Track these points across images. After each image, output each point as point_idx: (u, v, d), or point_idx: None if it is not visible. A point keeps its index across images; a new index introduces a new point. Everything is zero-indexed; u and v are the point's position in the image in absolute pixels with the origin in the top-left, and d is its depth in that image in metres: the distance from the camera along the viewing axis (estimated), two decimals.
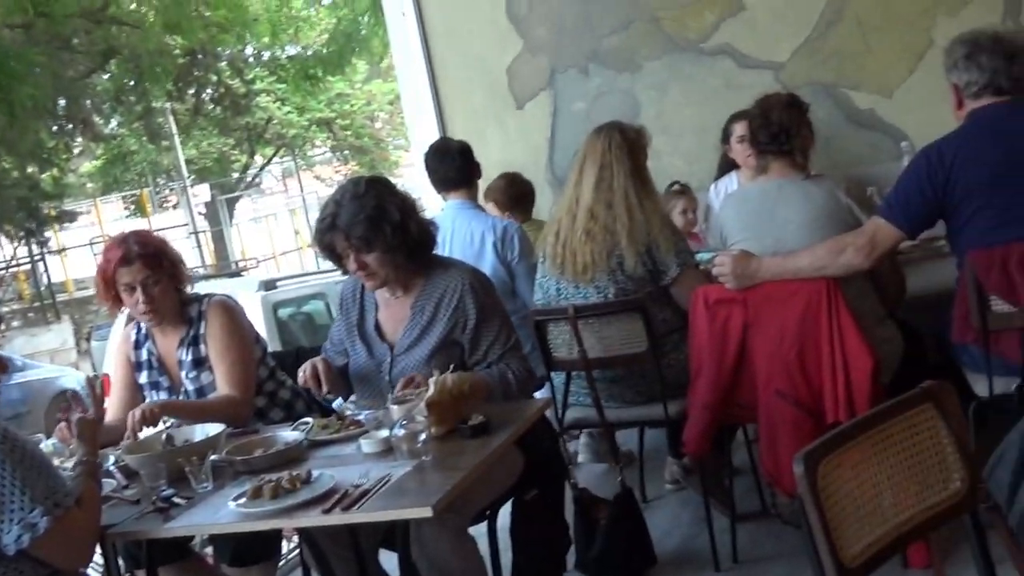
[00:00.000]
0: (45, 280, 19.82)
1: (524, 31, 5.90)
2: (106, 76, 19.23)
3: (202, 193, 24.60)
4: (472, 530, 2.98)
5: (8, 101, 13.95)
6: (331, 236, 3.25)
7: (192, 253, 21.75)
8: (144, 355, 3.61)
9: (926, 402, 1.96)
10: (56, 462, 2.84)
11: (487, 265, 4.31)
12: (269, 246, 23.46)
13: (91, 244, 23.11)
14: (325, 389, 3.24)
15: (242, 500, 2.58)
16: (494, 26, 5.93)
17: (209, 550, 3.76)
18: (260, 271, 18.92)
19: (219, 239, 23.56)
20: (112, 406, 3.57)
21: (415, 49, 6.07)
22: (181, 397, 3.54)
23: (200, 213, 24.15)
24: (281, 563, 3.82)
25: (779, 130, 3.56)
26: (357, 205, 3.20)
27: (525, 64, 5.93)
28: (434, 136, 5.99)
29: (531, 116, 5.94)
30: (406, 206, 3.28)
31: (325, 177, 27.51)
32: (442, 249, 4.37)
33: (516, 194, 5.10)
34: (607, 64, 5.77)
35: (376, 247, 3.19)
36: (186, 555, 3.41)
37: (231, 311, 3.56)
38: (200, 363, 3.50)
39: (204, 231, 23.52)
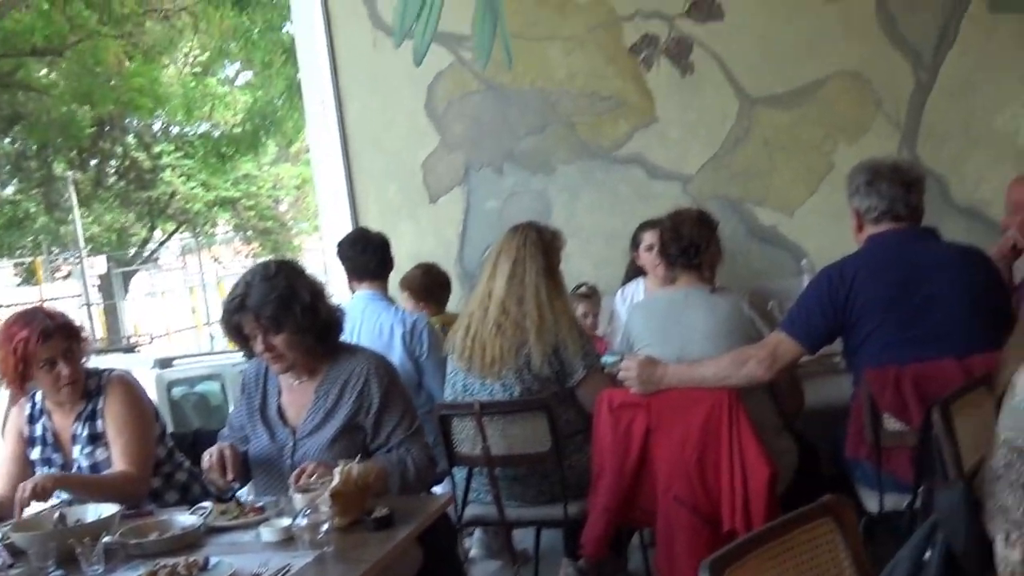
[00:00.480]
0: None
1: (442, 127, 5.99)
2: (8, 140, 18.90)
3: (98, 265, 24.11)
4: None
5: None
6: (239, 317, 3.23)
7: (85, 325, 21.26)
8: (39, 430, 3.52)
9: (825, 516, 2.02)
10: None
11: (395, 358, 4.31)
12: (163, 323, 23.04)
13: None
14: (230, 476, 3.18)
15: None
16: (412, 121, 6.01)
17: None
18: (153, 348, 18.54)
19: (112, 312, 23.08)
20: (2, 480, 3.47)
21: (332, 138, 6.11)
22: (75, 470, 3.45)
23: (94, 285, 23.65)
24: None
25: (689, 244, 3.70)
26: (268, 286, 3.20)
27: (440, 160, 6.01)
28: (346, 224, 6.02)
29: (444, 211, 6.00)
30: (316, 289, 3.29)
31: (223, 258, 27.22)
32: (350, 339, 4.37)
33: (431, 285, 5.12)
34: (522, 165, 5.89)
35: (285, 328, 3.18)
36: None
37: (131, 387, 3.51)
38: (96, 439, 3.43)
39: (97, 303, 23.02)
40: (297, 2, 6.26)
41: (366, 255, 4.69)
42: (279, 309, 3.17)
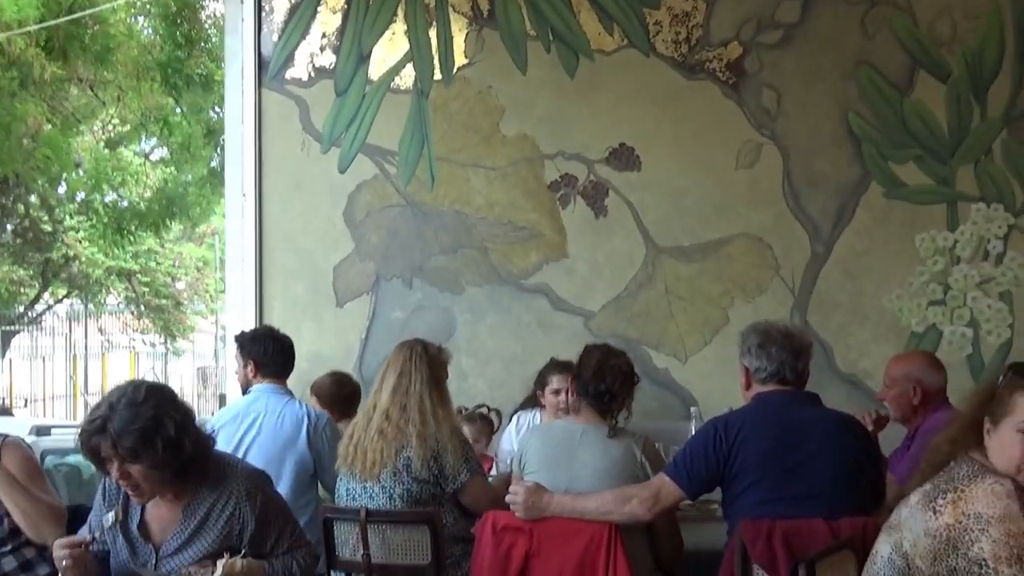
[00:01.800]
0: None
1: (357, 235, 6.13)
2: None
3: None
4: None
5: None
6: (98, 439, 2.98)
7: None
8: None
9: None
10: None
11: (297, 449, 4.38)
12: (40, 387, 22.36)
13: None
14: None
15: None
16: (329, 225, 6.15)
17: None
18: (26, 412, 17.99)
19: None
20: None
21: (248, 231, 6.19)
22: None
23: None
24: None
25: (606, 392, 3.81)
26: (132, 413, 2.98)
27: (352, 266, 6.13)
28: (251, 315, 6.07)
29: (349, 316, 6.10)
30: (185, 422, 3.09)
31: (110, 330, 26.63)
32: (252, 430, 4.45)
33: (342, 396, 5.16)
34: (431, 281, 6.04)
35: (143, 461, 2.99)
36: None
37: (28, 452, 3.50)
38: None
39: None
40: (232, 95, 6.39)
41: (272, 354, 4.74)
42: (139, 441, 2.96)
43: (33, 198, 20.60)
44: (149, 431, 2.95)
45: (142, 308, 24.97)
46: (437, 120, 6.06)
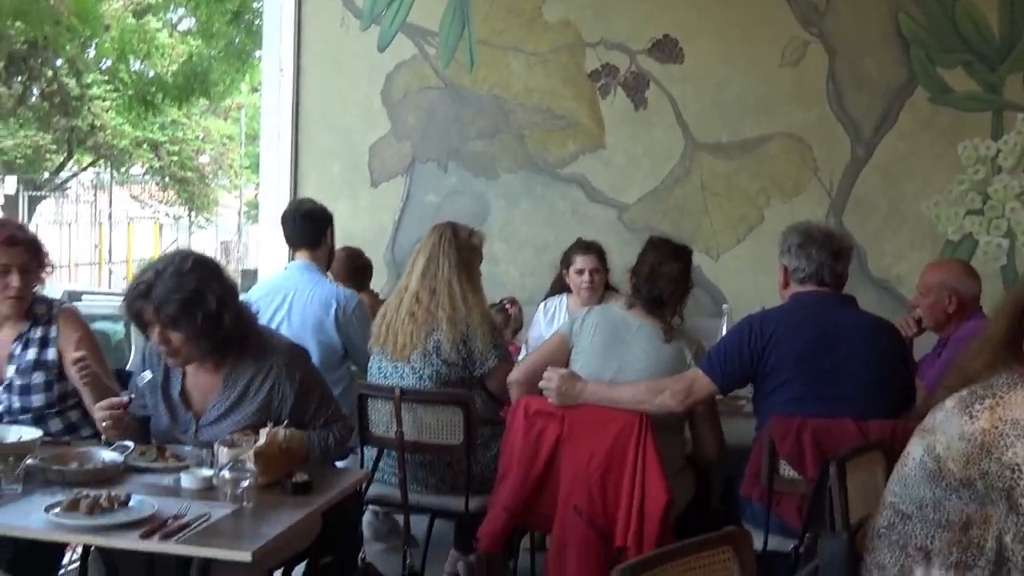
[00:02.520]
0: None
1: (394, 116, 6.10)
2: None
3: (7, 184, 23.51)
4: None
5: None
6: (141, 304, 3.11)
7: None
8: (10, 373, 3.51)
9: (726, 544, 2.20)
10: None
11: (326, 330, 4.42)
12: (66, 254, 22.55)
13: None
14: (123, 439, 3.13)
15: (56, 510, 2.58)
16: (366, 104, 6.11)
17: None
18: (53, 278, 18.14)
19: None
20: None
21: (285, 107, 6.17)
22: (1, 389, 3.47)
23: None
24: None
25: (657, 299, 3.80)
26: (176, 282, 3.08)
27: (388, 147, 6.12)
28: (285, 193, 6.08)
29: (383, 197, 6.11)
30: (226, 298, 3.17)
31: (143, 198, 26.71)
32: (282, 309, 4.49)
33: (354, 269, 5.23)
34: (466, 166, 6.02)
35: (182, 331, 3.10)
36: None
37: (81, 318, 3.56)
38: (41, 365, 3.45)
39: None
40: None
41: (301, 224, 4.75)
42: (180, 310, 3.07)
43: (60, 62, 20.49)
44: (190, 302, 3.06)
45: (167, 179, 25.03)
46: (479, 1, 5.97)
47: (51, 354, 3.50)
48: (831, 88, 5.66)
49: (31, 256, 3.45)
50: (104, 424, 3.13)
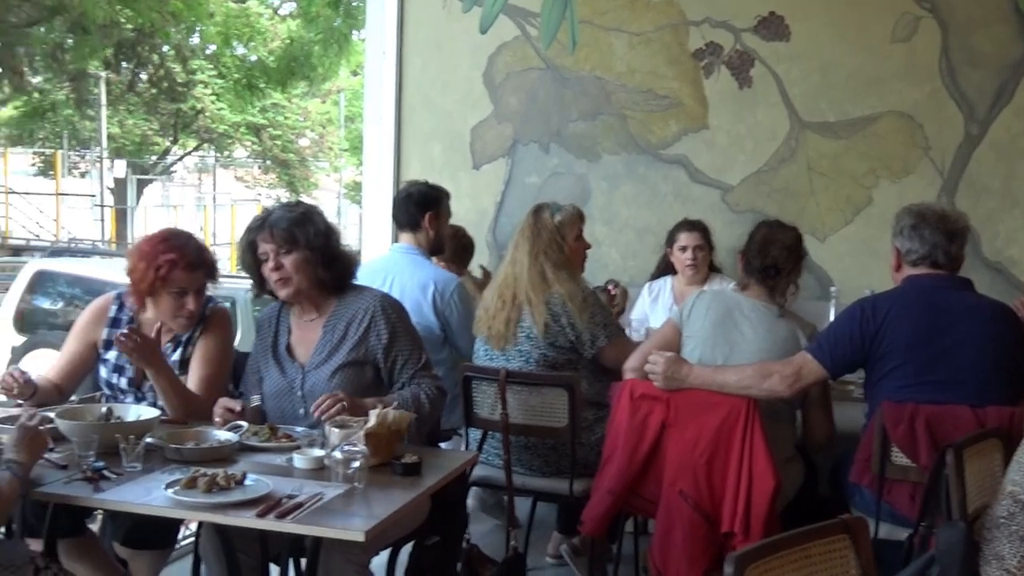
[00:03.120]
0: None
1: (496, 98, 6.10)
2: (47, 31, 18.89)
3: (117, 168, 24.17)
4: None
5: None
6: (255, 234, 3.44)
7: (95, 226, 21.31)
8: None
9: (843, 533, 2.16)
10: None
11: (424, 314, 4.44)
12: None
13: None
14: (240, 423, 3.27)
15: (176, 488, 2.64)
16: (468, 86, 6.12)
17: (95, 527, 3.76)
18: None
19: (121, 218, 23.16)
20: (55, 369, 3.59)
21: (387, 90, 6.21)
22: (145, 388, 3.55)
23: (108, 187, 23.72)
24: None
25: (771, 267, 3.79)
26: (287, 210, 3.46)
27: (490, 129, 6.12)
28: (387, 177, 6.14)
29: (485, 179, 6.12)
30: (331, 226, 3.52)
31: (247, 179, 27.23)
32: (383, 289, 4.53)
33: (456, 247, 5.25)
34: (568, 147, 6.00)
35: (296, 246, 3.37)
36: (83, 530, 3.44)
37: (230, 323, 3.70)
38: (183, 365, 3.55)
39: (109, 206, 23.09)
40: None
41: (403, 206, 4.78)
42: (293, 226, 3.38)
43: (167, 49, 20.97)
44: (300, 219, 3.41)
45: (268, 162, 25.48)
46: None
47: (189, 352, 3.58)
48: (943, 64, 5.50)
49: (207, 278, 3.56)
50: (217, 421, 3.26)
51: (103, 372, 3.61)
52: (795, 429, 3.80)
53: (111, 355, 3.60)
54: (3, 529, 3.06)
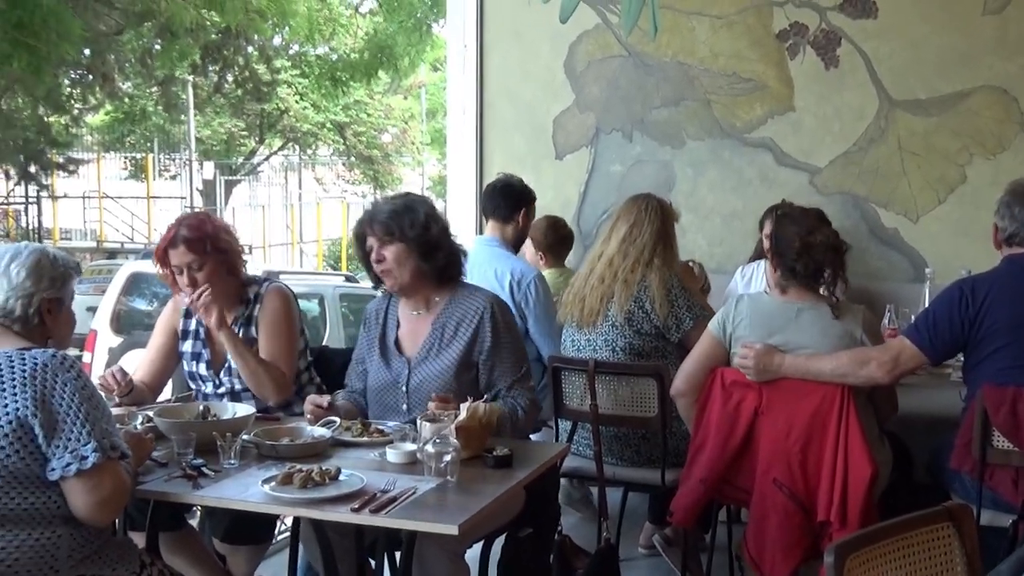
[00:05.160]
0: (35, 223, 19.78)
1: (577, 87, 6.06)
2: (135, 37, 19.29)
3: (206, 170, 24.63)
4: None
5: (32, 44, 13.94)
6: (362, 227, 3.48)
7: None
8: (193, 324, 3.72)
9: (946, 520, 2.11)
10: None
11: None
12: (260, 235, 23.51)
13: (84, 198, 23.11)
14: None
15: (272, 484, 2.68)
16: (549, 76, 6.10)
17: (194, 522, 3.85)
18: (250, 258, 18.96)
19: None
20: (143, 367, 3.68)
21: (470, 82, 6.22)
22: (223, 374, 3.64)
23: (197, 189, 24.19)
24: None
25: (816, 269, 3.53)
26: (390, 200, 3.49)
27: (572, 118, 6.09)
28: (471, 169, 6.16)
29: (568, 168, 6.10)
30: (436, 217, 3.47)
31: (325, 180, 27.55)
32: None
33: (555, 239, 5.27)
34: (651, 134, 5.95)
35: (394, 238, 3.37)
36: (183, 525, 3.52)
37: (287, 298, 3.71)
38: (248, 343, 3.61)
39: (199, 207, 23.56)
40: None
41: (492, 196, 4.82)
42: (391, 217, 3.39)
43: (252, 49, 21.27)
44: (399, 211, 3.40)
45: (352, 159, 25.73)
46: None
47: (253, 332, 3.65)
48: None
49: (195, 254, 3.55)
50: (308, 418, 3.30)
51: (185, 366, 3.70)
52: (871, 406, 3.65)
53: (187, 345, 3.71)
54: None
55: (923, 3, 5.47)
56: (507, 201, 4.79)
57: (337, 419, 3.23)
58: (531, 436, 4.31)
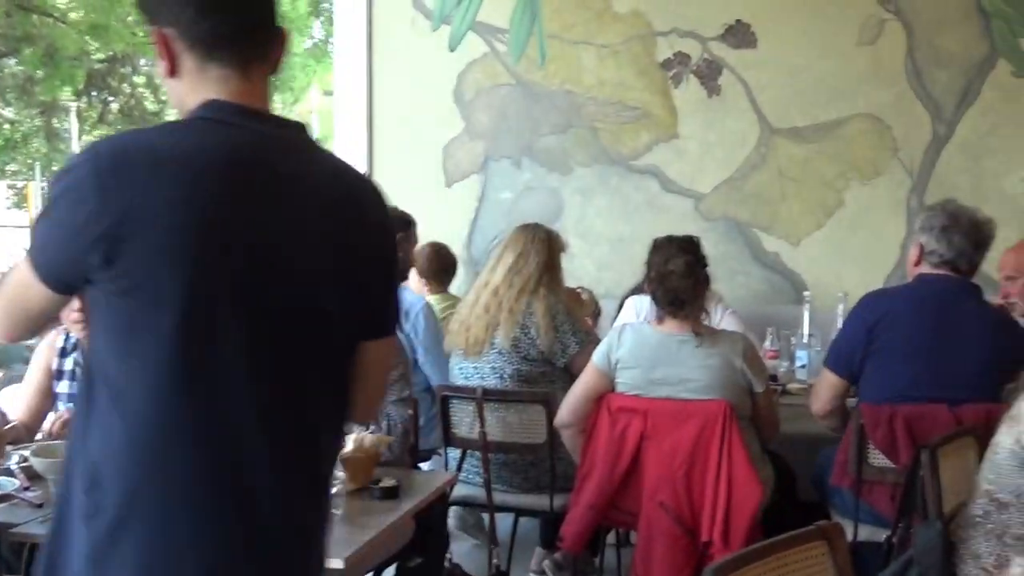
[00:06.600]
0: None
1: (467, 114, 6.10)
2: (16, 63, 18.82)
3: None
4: None
5: None
6: None
7: None
8: (68, 364, 3.61)
9: (819, 539, 2.15)
10: None
11: None
12: None
13: None
14: None
15: None
16: (439, 104, 6.12)
17: None
18: None
19: None
20: (20, 405, 3.58)
21: (359, 110, 6.21)
22: None
23: None
24: None
25: (675, 298, 3.55)
26: None
27: (462, 146, 6.13)
28: None
29: (458, 196, 6.12)
30: None
31: None
32: None
33: (438, 265, 5.24)
34: (540, 161, 6.01)
35: None
36: None
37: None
38: None
39: None
40: None
41: None
42: None
43: (138, 78, 20.89)
44: None
45: None
46: None
47: None
48: (910, 66, 5.54)
49: None
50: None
51: (61, 407, 3.60)
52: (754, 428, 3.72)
53: (63, 386, 3.61)
54: None
55: (800, 34, 5.65)
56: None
57: None
58: (421, 465, 4.30)
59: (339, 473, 2.81)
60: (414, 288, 5.07)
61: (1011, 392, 2.70)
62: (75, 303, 1.75)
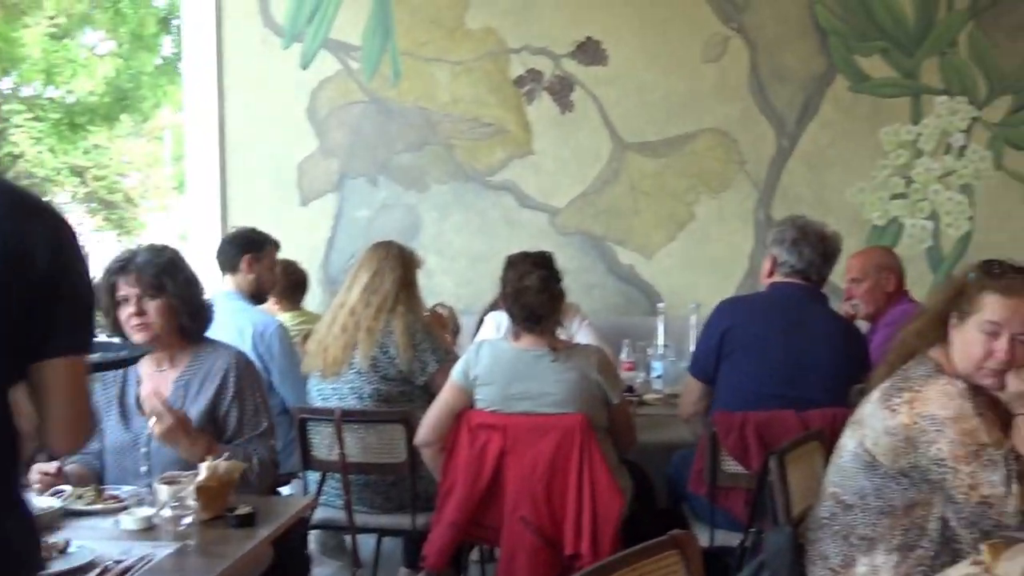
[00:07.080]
0: None
1: (321, 133, 6.06)
2: None
3: None
4: None
5: None
6: (118, 277, 3.26)
7: None
8: None
9: (672, 548, 2.20)
10: None
11: None
12: None
13: None
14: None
15: None
16: (292, 123, 6.06)
17: None
18: None
19: None
20: None
21: (210, 128, 6.10)
22: None
23: None
24: None
25: (531, 313, 3.60)
26: (154, 253, 3.30)
27: (316, 164, 6.08)
28: (215, 216, 6.01)
29: (314, 215, 6.06)
30: (195, 275, 3.39)
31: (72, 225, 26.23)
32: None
33: (288, 283, 5.17)
34: (396, 179, 6.00)
35: (164, 292, 3.23)
36: None
37: None
38: None
39: None
40: None
41: (222, 249, 4.69)
42: (163, 272, 3.24)
43: None
44: (171, 266, 3.27)
45: (94, 205, 24.63)
46: (400, 13, 5.95)
47: None
48: (753, 82, 5.73)
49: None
50: (36, 487, 3.08)
51: None
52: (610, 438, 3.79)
53: None
54: None
55: (649, 51, 5.78)
56: (230, 250, 4.69)
57: (68, 487, 3.06)
58: (280, 490, 4.24)
59: (191, 503, 2.74)
60: (267, 308, 4.99)
61: (858, 393, 2.80)
62: None
